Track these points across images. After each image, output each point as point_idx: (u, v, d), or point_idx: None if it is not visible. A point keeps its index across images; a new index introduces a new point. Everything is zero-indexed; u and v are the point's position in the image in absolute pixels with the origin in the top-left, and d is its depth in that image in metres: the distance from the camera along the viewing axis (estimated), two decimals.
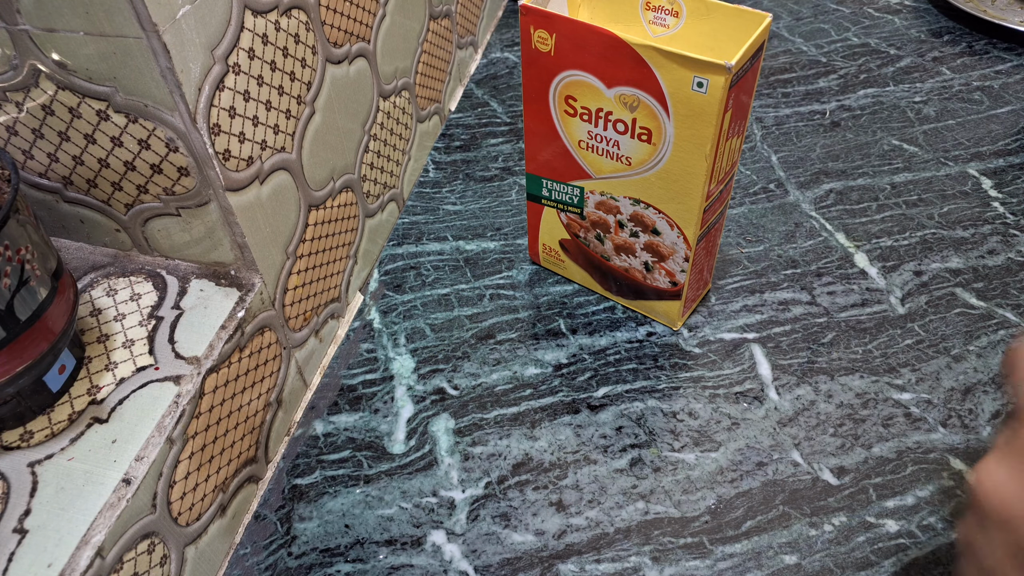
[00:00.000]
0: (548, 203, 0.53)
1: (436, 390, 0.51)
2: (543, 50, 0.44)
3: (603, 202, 0.49)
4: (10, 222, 0.32)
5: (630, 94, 0.42)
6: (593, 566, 0.41)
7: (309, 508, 0.45)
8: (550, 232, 0.55)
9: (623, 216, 0.49)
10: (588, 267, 0.55)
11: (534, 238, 0.56)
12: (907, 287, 0.54)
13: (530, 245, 0.57)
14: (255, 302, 0.44)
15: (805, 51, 0.79)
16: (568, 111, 0.46)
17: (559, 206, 0.52)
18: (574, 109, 0.45)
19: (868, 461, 0.44)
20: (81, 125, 0.38)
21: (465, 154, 0.70)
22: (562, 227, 0.53)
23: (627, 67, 0.41)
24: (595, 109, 0.44)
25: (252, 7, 0.39)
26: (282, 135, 0.44)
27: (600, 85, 0.43)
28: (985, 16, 0.80)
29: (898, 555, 0.40)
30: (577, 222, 0.52)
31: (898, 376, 0.49)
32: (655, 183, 0.45)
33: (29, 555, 0.32)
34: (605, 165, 0.47)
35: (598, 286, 0.55)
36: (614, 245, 0.51)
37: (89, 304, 0.43)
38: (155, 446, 0.36)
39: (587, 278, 0.55)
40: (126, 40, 0.34)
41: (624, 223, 0.49)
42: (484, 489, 0.45)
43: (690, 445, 0.46)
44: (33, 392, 0.37)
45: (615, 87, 0.42)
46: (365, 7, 0.53)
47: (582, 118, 0.45)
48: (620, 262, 0.52)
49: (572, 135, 0.47)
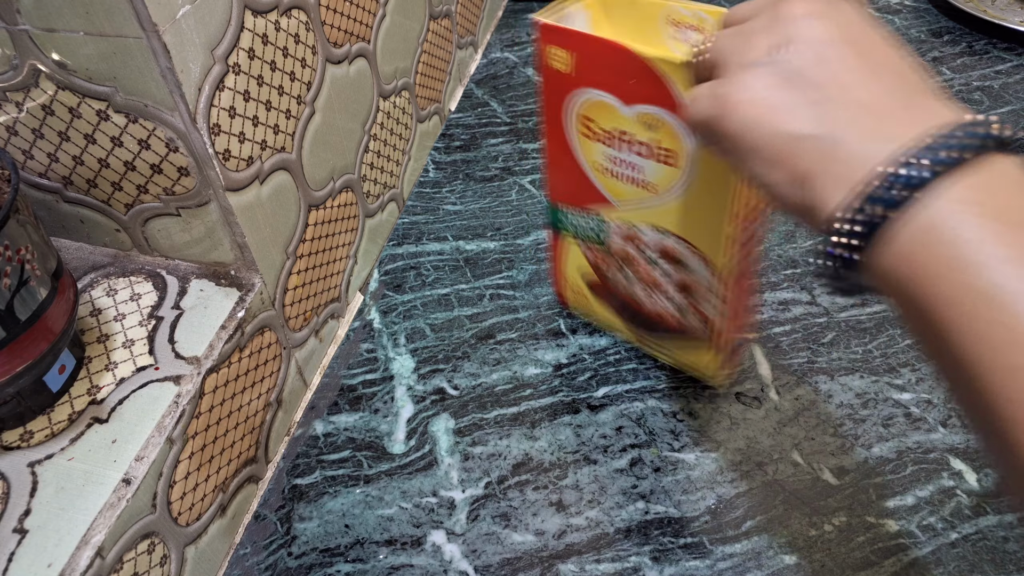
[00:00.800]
0: (569, 234, 0.49)
1: (436, 390, 0.51)
2: (559, 69, 0.41)
3: (628, 233, 0.45)
4: (10, 222, 0.32)
5: (650, 113, 0.39)
6: (593, 566, 0.41)
7: (309, 508, 0.45)
8: (574, 268, 0.51)
9: (650, 250, 0.45)
10: (616, 310, 0.50)
11: (559, 274, 0.53)
12: None
13: (555, 282, 0.54)
14: (255, 302, 0.44)
15: None
16: (586, 133, 0.43)
17: (580, 238, 0.48)
18: (592, 131, 0.42)
19: (868, 461, 0.44)
20: (81, 125, 0.38)
21: (465, 154, 0.70)
22: (586, 263, 0.49)
23: (646, 84, 0.38)
24: (614, 131, 0.41)
25: (252, 7, 0.39)
26: (282, 135, 0.44)
27: (618, 104, 0.40)
28: (985, 16, 0.80)
29: (898, 555, 0.40)
30: (602, 257, 0.48)
31: (898, 376, 0.49)
32: (681, 209, 0.41)
33: (29, 555, 0.32)
34: (627, 191, 0.43)
35: (629, 330, 0.51)
36: (642, 284, 0.47)
37: (89, 304, 0.43)
38: (155, 446, 0.36)
39: (617, 323, 0.51)
40: (126, 40, 0.34)
41: (653, 259, 0.45)
42: (484, 489, 0.45)
43: (690, 445, 0.46)
44: (33, 392, 0.37)
45: (634, 106, 0.39)
46: (365, 7, 0.53)
47: (602, 141, 0.42)
48: (650, 304, 0.47)
49: (591, 159, 0.44)
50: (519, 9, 0.91)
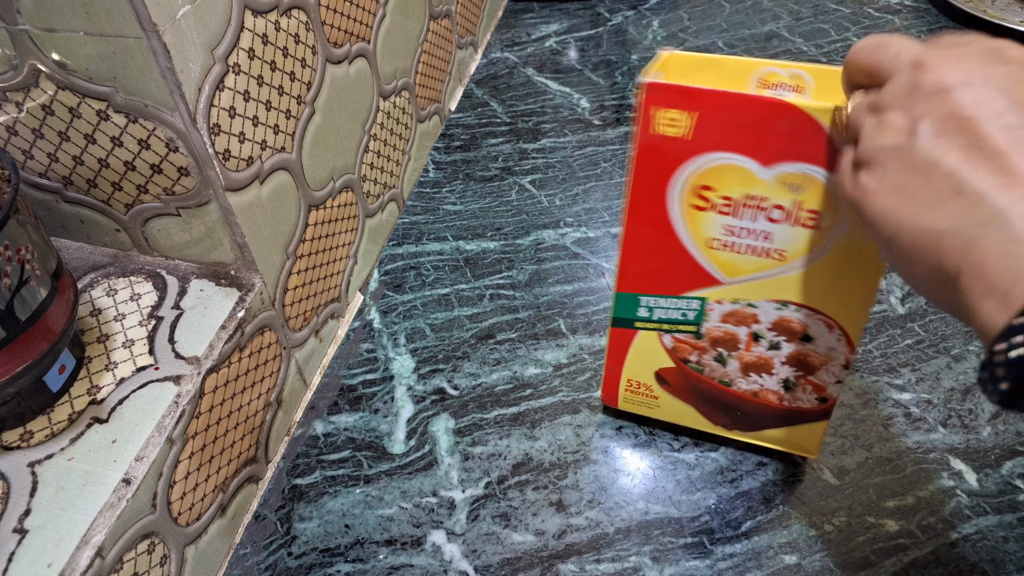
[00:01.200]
0: (647, 326, 0.42)
1: (436, 390, 0.51)
2: (673, 134, 0.35)
3: (734, 312, 0.40)
4: (10, 222, 0.32)
5: (796, 172, 0.34)
6: (593, 566, 0.41)
7: (309, 508, 0.45)
8: (643, 364, 0.44)
9: (761, 326, 0.40)
10: (694, 399, 0.44)
11: (614, 375, 0.45)
12: (907, 287, 0.54)
13: (605, 384, 0.46)
14: (255, 302, 0.44)
15: (805, 51, 0.79)
16: (699, 205, 0.37)
17: (664, 327, 0.42)
18: (708, 201, 0.37)
19: (868, 461, 0.44)
20: (81, 125, 0.38)
21: (465, 154, 0.70)
22: (665, 353, 0.43)
23: (795, 139, 0.33)
24: (741, 197, 0.36)
25: (252, 7, 0.39)
26: (282, 135, 0.44)
27: (754, 166, 0.35)
28: (985, 16, 0.79)
29: (898, 555, 0.40)
30: (689, 344, 0.42)
31: (898, 376, 0.49)
32: (817, 276, 0.37)
33: (29, 555, 0.32)
34: (745, 264, 0.38)
35: (704, 420, 0.45)
36: (742, 364, 0.41)
37: (89, 304, 0.43)
38: (155, 446, 0.36)
39: (689, 413, 0.45)
40: (126, 40, 0.34)
41: (761, 334, 0.40)
42: (484, 489, 0.45)
43: (690, 445, 0.46)
44: (33, 392, 0.37)
45: (775, 165, 0.34)
46: (365, 7, 0.53)
47: (719, 211, 0.37)
48: (747, 385, 0.42)
49: (699, 234, 0.38)
50: (519, 9, 0.91)
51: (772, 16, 0.85)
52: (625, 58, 0.80)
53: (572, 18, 0.88)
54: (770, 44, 0.80)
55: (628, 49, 0.82)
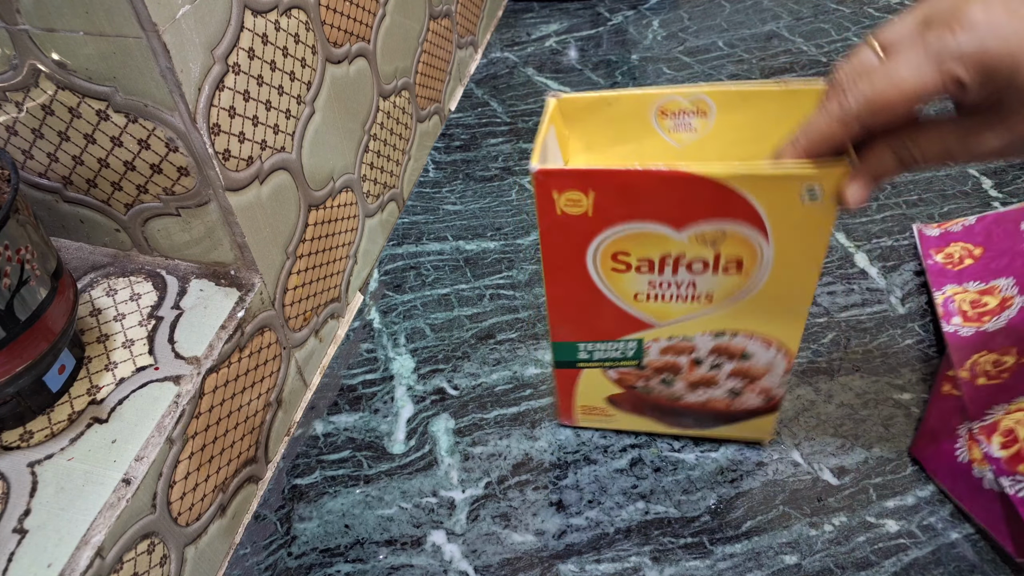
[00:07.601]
0: (589, 366, 0.43)
1: (436, 390, 0.51)
2: (575, 213, 0.35)
3: (672, 346, 0.41)
4: (10, 222, 0.32)
5: (712, 230, 0.34)
6: (593, 566, 0.41)
7: (309, 508, 0.45)
8: (594, 392, 0.45)
9: (700, 353, 0.41)
10: (647, 412, 0.46)
11: (567, 404, 0.46)
12: (907, 287, 0.54)
13: (561, 410, 0.47)
14: (255, 302, 0.44)
15: (805, 51, 0.79)
16: (618, 268, 0.37)
17: (606, 364, 0.43)
18: (627, 264, 0.37)
19: (868, 461, 0.44)
20: (81, 125, 0.38)
21: (465, 154, 0.70)
22: (610, 383, 0.44)
23: (705, 202, 0.33)
24: (659, 257, 0.36)
25: (252, 7, 0.39)
26: (282, 135, 0.44)
27: (667, 231, 0.35)
28: None
29: (898, 555, 0.40)
30: (634, 373, 0.43)
31: (898, 376, 0.49)
32: (747, 309, 0.38)
33: (29, 555, 0.32)
34: (675, 309, 0.39)
35: (660, 425, 0.47)
36: (688, 383, 0.43)
37: (89, 304, 0.43)
38: (155, 446, 0.36)
39: (647, 423, 0.47)
40: (126, 40, 0.34)
41: (702, 359, 0.41)
42: (484, 489, 0.45)
43: (690, 445, 0.46)
44: (33, 392, 0.37)
45: (689, 226, 0.34)
46: (365, 7, 0.53)
47: (639, 271, 0.37)
48: (695, 398, 0.44)
49: (624, 291, 0.38)
50: (519, 9, 0.91)
51: (772, 16, 0.85)
52: (625, 58, 0.80)
53: (572, 18, 0.88)
54: (770, 44, 0.80)
55: (628, 49, 0.82)
